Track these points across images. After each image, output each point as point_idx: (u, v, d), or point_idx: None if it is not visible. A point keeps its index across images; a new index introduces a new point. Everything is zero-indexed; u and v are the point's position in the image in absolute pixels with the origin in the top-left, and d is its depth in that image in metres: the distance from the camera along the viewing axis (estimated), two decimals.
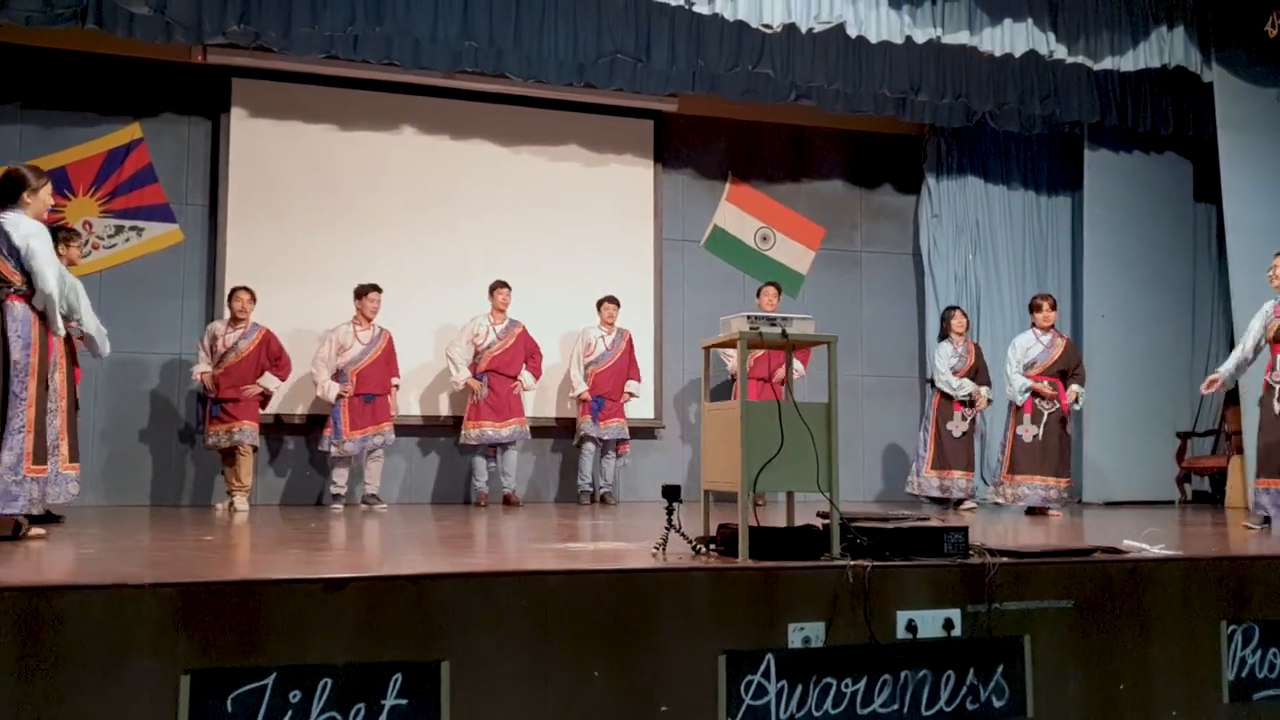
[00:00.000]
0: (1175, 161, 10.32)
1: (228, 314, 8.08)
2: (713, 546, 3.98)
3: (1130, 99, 9.61)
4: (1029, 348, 8.20)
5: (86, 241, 8.41)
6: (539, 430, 9.08)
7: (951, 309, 9.05)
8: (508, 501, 8.54)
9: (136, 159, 8.65)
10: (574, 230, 9.50)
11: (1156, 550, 4.14)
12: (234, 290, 8.04)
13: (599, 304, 9.05)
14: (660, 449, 9.69)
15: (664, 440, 9.73)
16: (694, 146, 10.02)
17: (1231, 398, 9.84)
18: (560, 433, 9.34)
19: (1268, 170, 8.57)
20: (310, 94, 8.96)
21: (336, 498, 8.18)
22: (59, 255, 7.03)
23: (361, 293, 8.32)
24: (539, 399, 9.21)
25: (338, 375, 8.20)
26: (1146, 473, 9.91)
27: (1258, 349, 6.60)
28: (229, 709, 3.06)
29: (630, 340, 9.14)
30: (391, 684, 3.18)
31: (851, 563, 3.57)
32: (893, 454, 10.28)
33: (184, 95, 8.78)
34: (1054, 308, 8.26)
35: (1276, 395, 6.39)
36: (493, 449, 8.63)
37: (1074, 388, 8.09)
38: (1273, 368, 6.43)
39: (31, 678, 2.94)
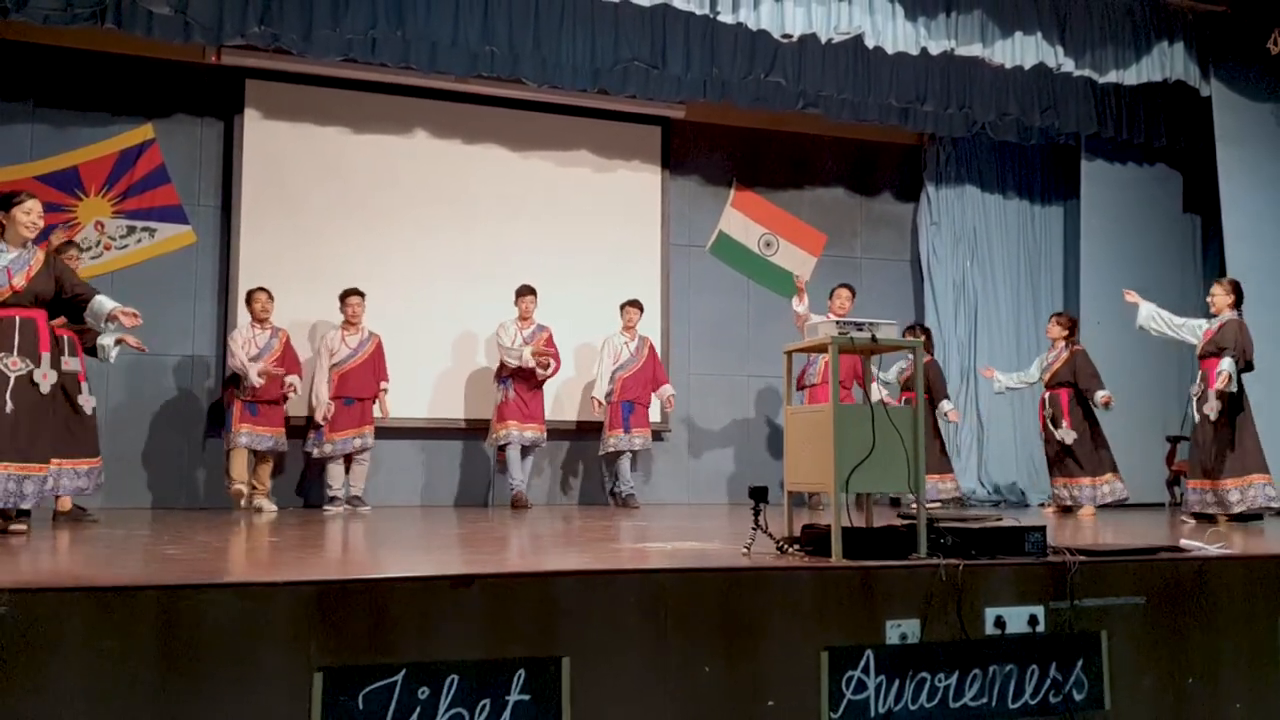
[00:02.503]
0: (1166, 173, 10.59)
1: (247, 317, 8.08)
2: (796, 546, 4.07)
3: (1125, 111, 9.87)
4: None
5: (99, 242, 8.38)
6: (556, 434, 9.11)
7: (911, 327, 9.56)
8: (516, 502, 8.47)
9: (149, 159, 8.60)
10: (583, 234, 9.57)
11: (1215, 549, 4.29)
12: (255, 292, 8.07)
13: (621, 308, 9.08)
14: (667, 452, 9.78)
15: (670, 443, 9.81)
16: (700, 153, 10.13)
17: None
18: (576, 435, 9.40)
19: (1264, 182, 8.86)
20: (323, 96, 8.95)
21: (333, 500, 8.14)
22: None
23: (341, 297, 8.33)
24: (557, 404, 9.25)
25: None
26: (1139, 476, 10.14)
27: None
28: (360, 706, 3.11)
29: (652, 346, 9.20)
30: (515, 680, 3.24)
31: (944, 561, 3.68)
32: None
33: (197, 96, 8.74)
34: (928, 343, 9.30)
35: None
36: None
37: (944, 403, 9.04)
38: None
39: (170, 674, 2.98)
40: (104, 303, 5.54)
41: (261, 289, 8.09)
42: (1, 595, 2.88)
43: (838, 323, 3.88)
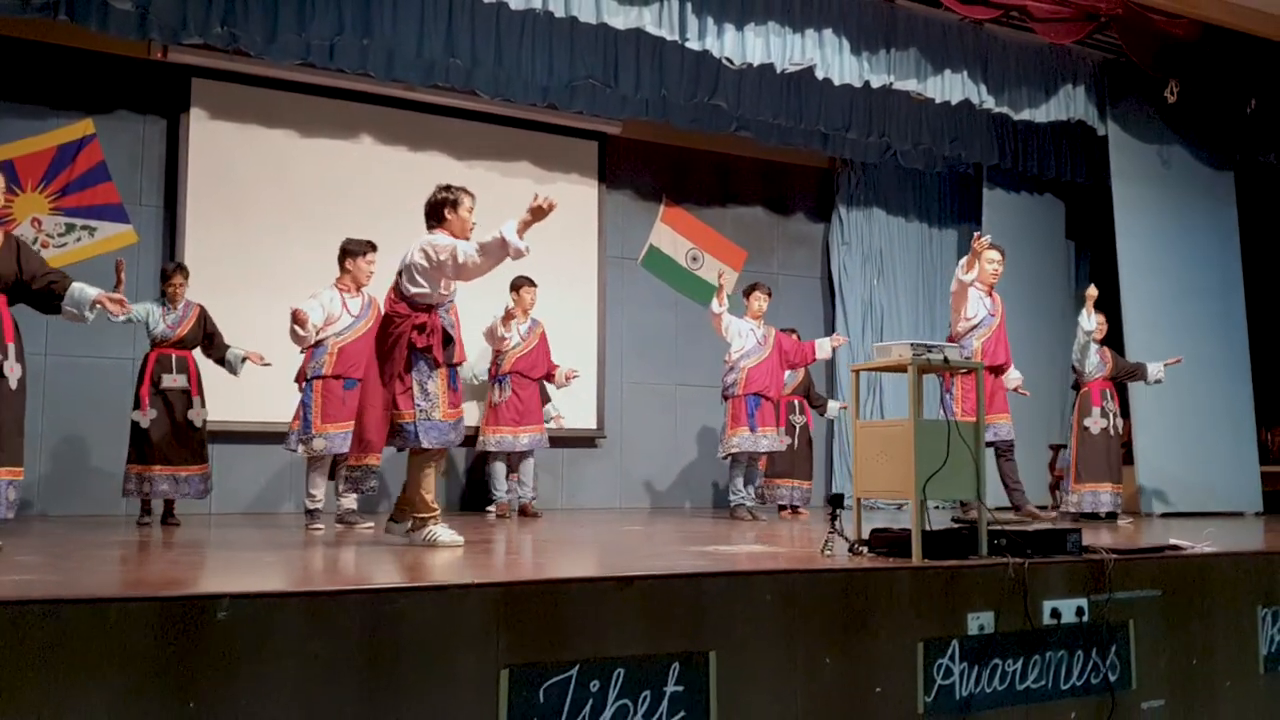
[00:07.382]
0: (1052, 202, 11.56)
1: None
2: (867, 548, 4.45)
3: (1022, 145, 10.75)
4: None
5: (35, 239, 8.07)
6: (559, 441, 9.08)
7: None
8: (524, 512, 8.15)
9: (88, 156, 8.33)
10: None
11: (1205, 547, 4.90)
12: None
13: (747, 292, 8.63)
14: (600, 458, 10.04)
15: (604, 449, 10.07)
16: (633, 169, 10.45)
17: None
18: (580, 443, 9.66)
19: (1153, 215, 9.82)
20: (271, 98, 8.86)
21: (313, 514, 6.61)
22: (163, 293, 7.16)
23: (358, 251, 6.90)
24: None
25: (317, 345, 6.77)
26: (1025, 481, 11.00)
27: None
28: (541, 699, 3.32)
29: (779, 336, 8.57)
30: (671, 672, 3.50)
31: (1013, 560, 4.13)
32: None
33: (140, 92, 8.52)
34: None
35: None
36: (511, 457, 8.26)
37: None
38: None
39: (374, 675, 3.12)
40: (85, 290, 5.04)
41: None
42: (223, 600, 2.97)
43: (912, 345, 4.28)
